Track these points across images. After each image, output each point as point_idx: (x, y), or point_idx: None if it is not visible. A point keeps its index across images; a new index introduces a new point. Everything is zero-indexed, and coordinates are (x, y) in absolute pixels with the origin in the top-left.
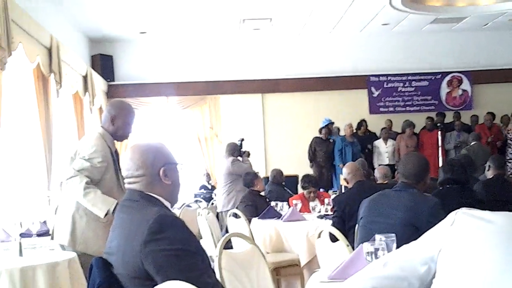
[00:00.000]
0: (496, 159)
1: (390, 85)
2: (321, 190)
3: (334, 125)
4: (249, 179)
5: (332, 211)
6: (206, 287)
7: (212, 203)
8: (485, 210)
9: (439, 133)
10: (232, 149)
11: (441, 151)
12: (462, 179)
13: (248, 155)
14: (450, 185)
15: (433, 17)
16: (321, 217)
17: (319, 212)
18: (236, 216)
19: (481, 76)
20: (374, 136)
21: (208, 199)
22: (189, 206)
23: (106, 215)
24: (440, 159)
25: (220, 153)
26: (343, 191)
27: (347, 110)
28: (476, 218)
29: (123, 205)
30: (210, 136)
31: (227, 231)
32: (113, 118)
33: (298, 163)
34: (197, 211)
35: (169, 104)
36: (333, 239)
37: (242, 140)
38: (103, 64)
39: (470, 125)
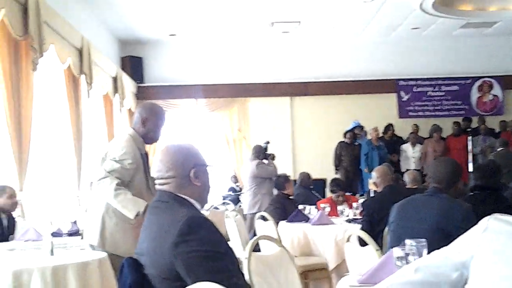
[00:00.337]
0: None
1: (419, 89)
2: (348, 194)
3: (363, 129)
4: (280, 182)
5: (361, 215)
6: None
7: (240, 206)
8: None
9: (470, 138)
10: (257, 152)
11: (469, 156)
12: (493, 184)
13: (273, 158)
14: (482, 190)
15: (464, 21)
16: (349, 221)
17: (347, 216)
18: (264, 218)
19: None
20: (401, 141)
21: (235, 201)
22: (216, 208)
23: (136, 216)
24: (470, 164)
25: (248, 156)
26: (371, 195)
27: (376, 114)
28: (510, 224)
29: (153, 206)
30: (238, 138)
31: (254, 234)
32: (144, 121)
33: (326, 166)
34: (225, 213)
35: (198, 106)
36: (362, 243)
37: (268, 143)
38: (133, 65)
39: (496, 130)
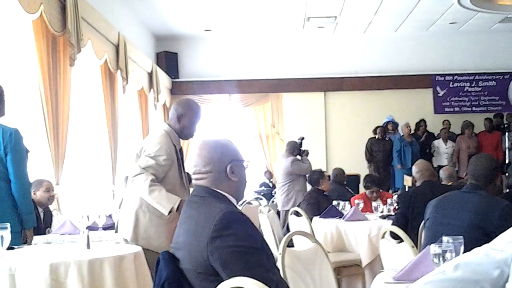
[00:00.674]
0: None
1: (456, 84)
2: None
3: (395, 125)
4: (315, 177)
5: (395, 211)
6: (271, 284)
7: (273, 201)
8: None
9: (507, 134)
10: (291, 148)
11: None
12: None
13: (307, 154)
14: None
15: (502, 16)
16: (383, 217)
17: (382, 212)
18: (298, 214)
19: None
20: (433, 137)
21: (268, 196)
22: (249, 204)
23: (169, 212)
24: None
25: (281, 151)
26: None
27: (411, 110)
28: None
29: (190, 201)
30: (271, 134)
31: (288, 229)
32: (180, 117)
33: (360, 162)
34: (258, 208)
35: (232, 101)
36: (395, 236)
37: (302, 139)
38: (167, 61)
39: None
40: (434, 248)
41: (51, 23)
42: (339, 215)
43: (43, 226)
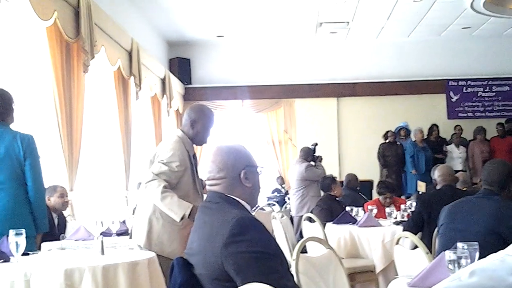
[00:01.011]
0: None
1: (469, 90)
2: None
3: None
4: (327, 183)
5: (409, 217)
6: None
7: (286, 207)
8: None
9: None
10: (305, 154)
11: None
12: None
13: (321, 160)
14: None
15: None
16: (397, 223)
17: (395, 218)
18: (311, 220)
19: None
20: (444, 142)
21: (281, 202)
22: (262, 209)
23: (181, 219)
24: None
25: (293, 157)
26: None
27: (424, 115)
28: None
29: (204, 207)
30: (284, 140)
31: (301, 235)
32: (193, 122)
33: (373, 168)
34: (271, 214)
35: (244, 107)
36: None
37: (316, 145)
38: (180, 67)
39: None
40: (449, 255)
41: (65, 29)
42: (352, 221)
43: (57, 232)
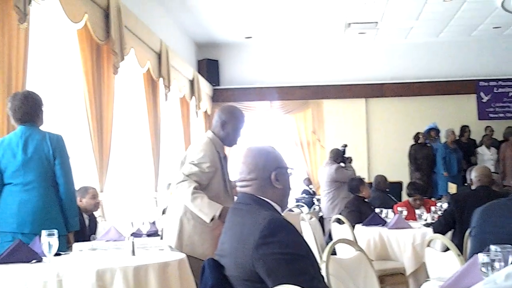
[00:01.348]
0: None
1: (500, 90)
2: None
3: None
4: (354, 184)
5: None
6: None
7: (314, 208)
8: None
9: None
10: (335, 155)
11: None
12: None
13: (351, 161)
14: None
15: None
16: (427, 225)
17: (426, 220)
18: (340, 222)
19: None
20: (474, 143)
21: (309, 204)
22: (291, 211)
23: (211, 220)
24: None
25: (322, 158)
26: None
27: (454, 116)
28: None
29: (235, 208)
30: (312, 141)
31: (330, 237)
32: (224, 124)
33: (402, 169)
34: (300, 216)
35: (273, 108)
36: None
37: (345, 146)
38: (209, 68)
39: None
40: (482, 257)
41: (95, 32)
42: (382, 222)
43: (88, 232)
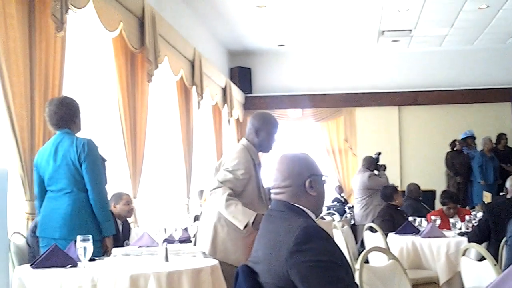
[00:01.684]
0: None
1: None
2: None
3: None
4: (388, 192)
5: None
6: None
7: (346, 216)
8: None
9: None
10: (368, 163)
11: None
12: None
13: (385, 169)
14: None
15: None
16: (462, 234)
17: (460, 229)
18: (372, 230)
19: None
20: (510, 151)
21: (341, 212)
22: (322, 218)
23: (245, 227)
24: None
25: (353, 167)
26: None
27: (488, 124)
28: None
29: (269, 215)
30: (344, 149)
31: (362, 245)
32: (258, 130)
33: (435, 178)
34: (332, 223)
35: (305, 116)
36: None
37: (379, 154)
38: (241, 76)
39: None
40: None
41: (130, 40)
42: (415, 231)
43: (122, 238)
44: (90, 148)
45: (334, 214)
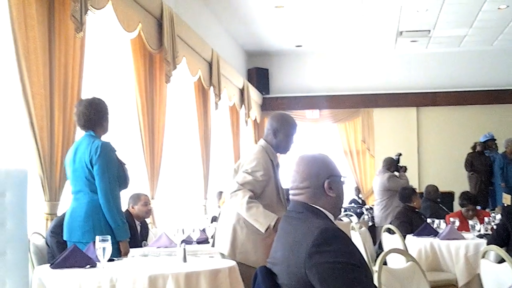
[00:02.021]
0: None
1: None
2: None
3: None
4: (406, 194)
5: (493, 230)
6: None
7: (363, 218)
8: None
9: None
10: (388, 164)
11: None
12: None
13: (405, 170)
14: None
15: None
16: (481, 236)
17: (479, 231)
18: (390, 231)
19: None
20: None
21: (358, 213)
22: (340, 220)
23: (266, 230)
24: None
25: (371, 168)
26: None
27: (509, 125)
28: None
29: (288, 216)
30: (362, 150)
31: (380, 247)
32: (276, 131)
33: (454, 179)
34: (350, 225)
35: (322, 117)
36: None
37: (400, 155)
38: (258, 77)
39: None
40: None
41: (148, 41)
42: (433, 233)
43: (140, 239)
44: (103, 150)
45: (352, 215)
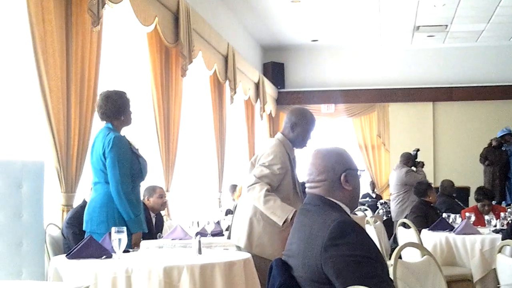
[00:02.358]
0: None
1: None
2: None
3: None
4: (422, 189)
5: (508, 225)
6: None
7: (378, 212)
8: None
9: None
10: (405, 159)
11: None
12: None
13: (423, 165)
14: None
15: None
16: (496, 231)
17: (495, 226)
18: (406, 226)
19: None
20: None
21: (373, 207)
22: (354, 214)
23: (284, 223)
24: None
25: (386, 162)
26: None
27: None
28: None
29: (304, 209)
30: (377, 144)
31: (395, 241)
32: (294, 126)
33: (470, 174)
34: (365, 219)
35: (337, 111)
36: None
37: (418, 150)
38: (274, 71)
39: None
40: None
41: (164, 35)
42: (449, 228)
43: (155, 231)
44: (115, 143)
45: (367, 209)
